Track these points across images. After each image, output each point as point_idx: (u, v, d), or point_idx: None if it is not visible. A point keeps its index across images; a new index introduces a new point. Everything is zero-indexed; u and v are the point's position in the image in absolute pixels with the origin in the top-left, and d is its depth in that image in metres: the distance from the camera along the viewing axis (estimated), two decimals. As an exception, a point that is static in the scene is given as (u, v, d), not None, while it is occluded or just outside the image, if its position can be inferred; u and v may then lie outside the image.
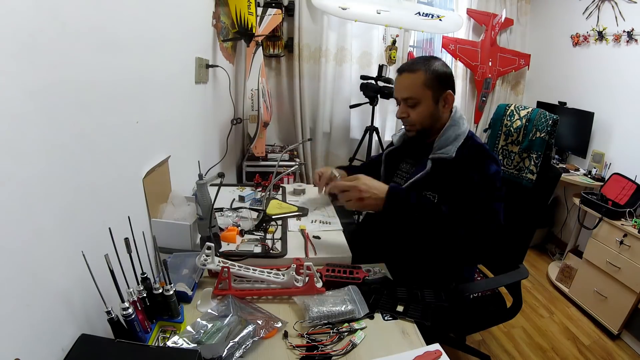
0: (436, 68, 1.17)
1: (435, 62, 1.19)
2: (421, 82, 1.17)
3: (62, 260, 0.67)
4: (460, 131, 1.21)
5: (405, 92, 1.21)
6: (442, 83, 1.18)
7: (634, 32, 2.54)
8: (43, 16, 0.61)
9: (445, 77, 1.19)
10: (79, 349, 0.66)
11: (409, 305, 0.97)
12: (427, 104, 1.19)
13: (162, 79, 1.20)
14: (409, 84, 1.19)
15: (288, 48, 2.95)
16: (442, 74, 1.18)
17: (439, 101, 1.20)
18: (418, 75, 1.17)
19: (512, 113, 1.60)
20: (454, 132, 1.20)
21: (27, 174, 0.59)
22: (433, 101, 1.19)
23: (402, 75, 1.21)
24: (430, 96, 1.18)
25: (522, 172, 1.54)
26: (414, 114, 1.21)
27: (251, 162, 2.68)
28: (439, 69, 1.18)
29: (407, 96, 1.20)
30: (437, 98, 1.19)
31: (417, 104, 1.20)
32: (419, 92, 1.18)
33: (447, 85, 1.19)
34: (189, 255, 1.06)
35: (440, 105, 1.20)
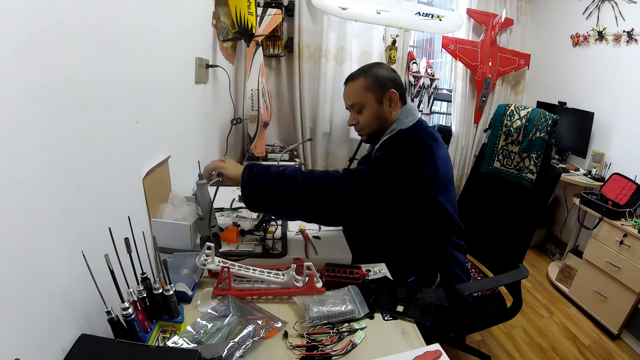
0: (376, 72, 1.22)
1: (377, 67, 1.24)
2: (361, 86, 1.22)
3: (62, 260, 0.67)
4: (398, 125, 1.21)
5: (349, 99, 1.27)
6: (382, 83, 1.21)
7: (634, 32, 2.54)
8: (43, 16, 0.61)
9: (387, 78, 1.22)
10: (79, 349, 0.66)
11: (409, 305, 0.97)
12: (371, 105, 1.23)
13: (162, 79, 1.20)
14: (351, 91, 1.25)
15: (288, 48, 2.95)
16: (382, 76, 1.22)
17: (382, 101, 1.22)
18: (359, 81, 1.22)
19: (512, 113, 1.60)
20: (394, 127, 1.22)
21: (27, 174, 0.59)
22: (377, 102, 1.22)
23: (346, 85, 1.27)
24: (372, 98, 1.22)
25: (522, 172, 1.54)
26: (361, 118, 1.26)
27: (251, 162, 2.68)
28: (380, 73, 1.22)
29: (351, 103, 1.26)
30: (380, 98, 1.22)
31: (362, 108, 1.24)
32: (360, 96, 1.23)
33: (389, 84, 1.22)
34: (189, 255, 1.06)
35: (386, 105, 1.23)
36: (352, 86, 1.25)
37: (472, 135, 3.46)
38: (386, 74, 1.23)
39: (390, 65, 1.27)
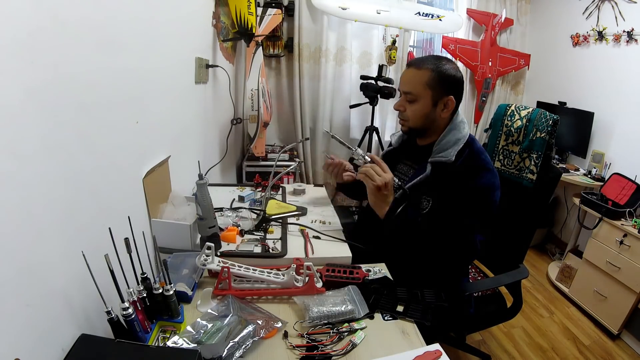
0: (444, 70, 1.14)
1: (447, 64, 1.16)
2: (424, 80, 1.15)
3: (62, 260, 0.67)
4: (460, 135, 1.18)
5: (406, 86, 1.19)
6: (446, 86, 1.15)
7: (633, 32, 2.54)
8: (42, 15, 0.61)
9: (451, 82, 1.16)
10: (79, 349, 0.66)
11: (409, 305, 0.97)
12: (425, 103, 1.17)
13: (162, 79, 1.20)
14: (411, 79, 1.18)
15: (288, 48, 2.95)
16: (448, 77, 1.15)
17: (437, 104, 1.17)
18: (423, 72, 1.15)
19: (513, 113, 1.60)
20: (454, 136, 1.18)
21: (27, 174, 0.59)
22: (431, 102, 1.17)
23: (408, 69, 1.20)
24: (429, 96, 1.16)
25: (523, 172, 1.54)
26: (410, 109, 1.20)
27: (251, 162, 2.68)
28: (447, 72, 1.15)
29: (407, 90, 1.19)
30: (437, 100, 1.17)
31: (415, 100, 1.18)
32: (419, 89, 1.16)
33: (451, 90, 1.16)
34: (189, 255, 1.06)
35: (439, 108, 1.18)
36: (415, 74, 1.17)
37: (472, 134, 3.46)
38: (453, 76, 1.16)
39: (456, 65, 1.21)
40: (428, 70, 1.14)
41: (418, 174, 1.22)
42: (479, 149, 1.20)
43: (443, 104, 1.17)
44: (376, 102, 2.76)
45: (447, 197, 1.15)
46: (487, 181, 1.14)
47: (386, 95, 2.62)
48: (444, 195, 1.15)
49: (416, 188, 1.21)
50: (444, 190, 1.16)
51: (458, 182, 1.13)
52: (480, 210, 1.14)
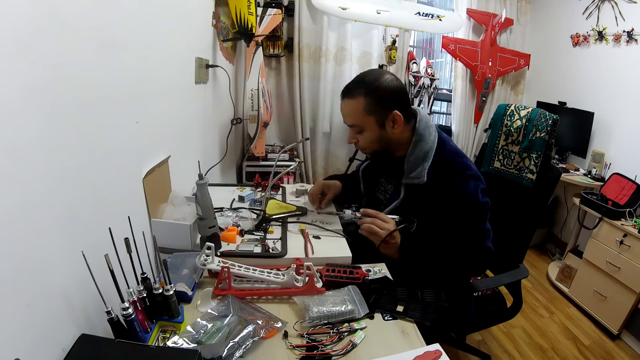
0: (375, 88, 1.10)
1: (377, 80, 1.11)
2: (361, 108, 1.11)
3: (62, 260, 0.67)
4: (427, 147, 1.15)
5: (348, 119, 1.17)
6: (384, 104, 1.11)
7: (633, 32, 2.54)
8: (42, 15, 0.61)
9: (388, 96, 1.11)
10: (79, 349, 0.66)
11: (409, 305, 0.97)
12: (372, 129, 1.14)
13: (162, 79, 1.20)
14: (349, 110, 1.14)
15: (288, 48, 2.95)
16: (383, 95, 1.10)
17: (384, 124, 1.13)
18: (357, 101, 1.11)
19: (513, 113, 1.60)
20: (421, 150, 1.15)
21: (27, 174, 0.59)
22: (377, 126, 1.13)
23: (343, 100, 1.16)
24: (373, 121, 1.13)
25: (522, 172, 1.54)
26: (361, 140, 1.18)
27: (251, 162, 2.68)
28: (380, 89, 1.10)
29: (350, 123, 1.17)
30: (382, 121, 1.13)
31: (362, 130, 1.16)
32: (359, 119, 1.13)
33: (391, 104, 1.11)
34: (189, 255, 1.05)
35: (388, 127, 1.14)
36: (351, 105, 1.13)
37: (472, 135, 3.47)
38: (388, 88, 1.10)
39: (389, 72, 1.17)
40: (360, 95, 1.10)
41: (394, 197, 1.22)
42: (452, 154, 1.17)
43: (390, 121, 1.13)
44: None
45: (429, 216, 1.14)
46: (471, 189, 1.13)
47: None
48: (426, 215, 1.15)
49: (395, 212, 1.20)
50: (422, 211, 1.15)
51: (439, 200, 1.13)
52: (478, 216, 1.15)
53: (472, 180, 1.14)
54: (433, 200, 1.13)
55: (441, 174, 1.14)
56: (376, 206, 1.33)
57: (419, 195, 1.15)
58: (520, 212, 1.50)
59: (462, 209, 1.13)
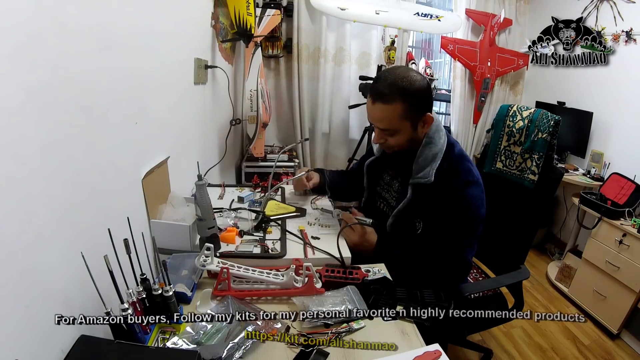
0: (414, 93, 1.08)
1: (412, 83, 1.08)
2: (398, 114, 1.10)
3: (61, 261, 0.67)
4: (436, 149, 1.17)
5: (381, 123, 1.15)
6: (421, 108, 1.12)
7: (632, 31, 2.54)
8: (42, 16, 0.61)
9: (423, 100, 1.12)
10: (78, 350, 0.66)
11: (409, 306, 0.97)
12: (406, 132, 1.15)
13: (161, 80, 1.20)
14: (385, 116, 1.12)
15: (287, 49, 2.95)
16: (419, 99, 1.10)
17: (417, 126, 1.16)
18: (394, 107, 1.09)
19: (515, 114, 1.60)
20: (430, 151, 1.17)
21: (26, 175, 0.59)
22: (411, 129, 1.15)
23: (375, 104, 1.12)
24: (408, 126, 1.14)
25: (524, 172, 1.54)
26: (392, 140, 1.17)
27: (250, 162, 2.68)
28: (417, 93, 1.09)
29: (383, 127, 1.15)
30: (416, 124, 1.15)
31: (395, 132, 1.15)
32: (395, 124, 1.12)
33: (425, 106, 1.13)
34: (188, 256, 1.05)
35: (420, 128, 1.16)
36: (387, 111, 1.10)
37: (471, 135, 3.47)
38: (422, 92, 1.10)
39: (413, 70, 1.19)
40: (398, 102, 1.08)
41: (401, 197, 1.23)
42: (459, 158, 1.18)
43: (422, 122, 1.16)
44: (375, 102, 2.75)
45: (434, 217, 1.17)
46: (469, 196, 1.14)
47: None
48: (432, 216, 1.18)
49: (404, 212, 1.22)
50: (429, 211, 1.18)
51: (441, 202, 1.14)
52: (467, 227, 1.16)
53: (475, 187, 1.15)
54: (438, 199, 1.15)
55: (446, 175, 1.15)
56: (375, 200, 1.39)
57: (426, 195, 1.16)
58: (522, 213, 1.50)
59: (456, 214, 1.14)
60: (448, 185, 1.14)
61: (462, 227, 1.15)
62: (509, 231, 1.52)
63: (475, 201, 1.15)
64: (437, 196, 1.15)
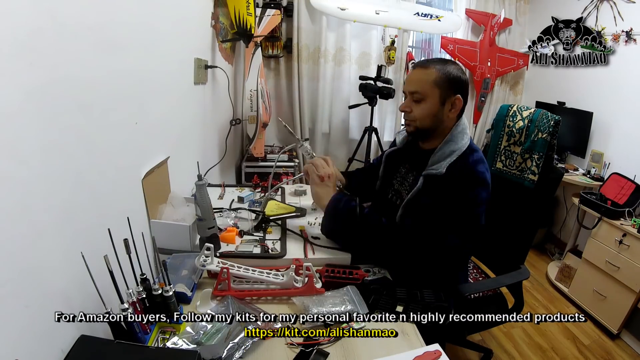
0: (451, 70, 1.15)
1: (453, 65, 1.17)
2: (432, 79, 1.14)
3: (61, 261, 0.67)
4: (456, 147, 1.17)
5: (413, 85, 1.18)
6: (453, 86, 1.15)
7: (632, 31, 2.54)
8: (41, 16, 0.61)
9: (458, 82, 1.16)
10: (78, 350, 0.66)
11: (409, 306, 0.97)
12: (433, 102, 1.16)
13: (161, 80, 1.20)
14: (419, 78, 1.17)
15: (287, 49, 2.95)
16: (455, 78, 1.15)
17: (445, 103, 1.16)
18: (430, 72, 1.15)
19: (515, 114, 1.60)
20: (449, 148, 1.17)
21: (26, 174, 0.59)
22: (439, 101, 1.16)
23: (415, 69, 1.20)
24: (437, 95, 1.15)
25: (524, 172, 1.54)
26: (417, 109, 1.18)
27: (250, 162, 2.68)
28: (454, 72, 1.15)
29: (414, 90, 1.17)
30: (444, 99, 1.15)
31: (422, 100, 1.16)
32: (426, 88, 1.15)
33: (458, 90, 1.16)
34: (188, 256, 1.05)
35: (447, 108, 1.17)
36: (422, 74, 1.16)
37: (471, 135, 3.46)
38: (459, 76, 1.16)
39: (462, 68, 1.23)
40: (435, 69, 1.15)
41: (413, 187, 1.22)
42: (476, 160, 1.17)
43: (451, 103, 1.16)
44: (375, 102, 2.76)
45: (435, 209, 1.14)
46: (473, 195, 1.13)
47: (385, 95, 2.62)
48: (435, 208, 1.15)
49: (412, 202, 1.19)
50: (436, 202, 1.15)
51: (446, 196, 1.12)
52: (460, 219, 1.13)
53: (480, 189, 1.14)
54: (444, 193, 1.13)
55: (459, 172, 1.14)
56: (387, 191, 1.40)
57: (435, 186, 1.15)
58: (522, 213, 1.50)
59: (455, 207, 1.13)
60: (457, 180, 1.13)
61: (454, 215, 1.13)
62: (509, 231, 1.52)
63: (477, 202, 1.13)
64: (443, 190, 1.13)
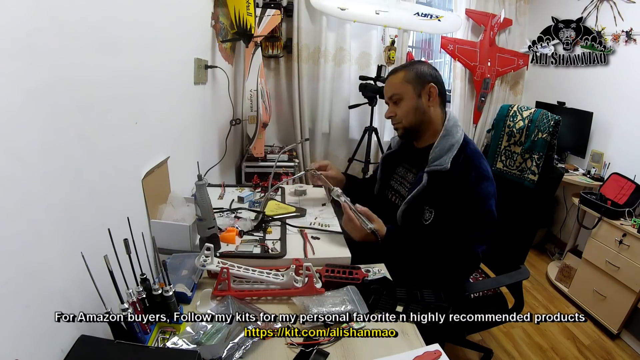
0: (417, 67, 1.26)
1: (419, 64, 1.28)
2: (401, 79, 1.25)
3: (61, 261, 0.67)
4: (454, 140, 1.22)
5: (388, 91, 1.30)
6: (423, 78, 1.24)
7: (632, 31, 2.54)
8: (41, 16, 0.61)
9: (427, 74, 1.24)
10: (78, 350, 0.66)
11: (409, 306, 0.97)
12: (410, 97, 1.25)
13: (161, 80, 1.20)
14: (391, 83, 1.29)
15: (287, 49, 2.95)
16: (423, 71, 1.25)
17: (421, 95, 1.24)
18: (399, 74, 1.27)
19: (515, 114, 1.60)
20: (447, 142, 1.22)
21: (26, 175, 0.59)
22: (415, 94, 1.24)
23: (387, 79, 1.32)
24: (411, 90, 1.24)
25: (524, 172, 1.54)
26: (399, 110, 1.28)
27: (250, 162, 2.68)
28: (421, 68, 1.25)
29: (390, 94, 1.29)
30: (419, 91, 1.24)
31: (400, 99, 1.26)
32: (399, 87, 1.26)
33: (428, 79, 1.24)
34: (188, 256, 1.05)
35: (424, 98, 1.24)
36: (393, 78, 1.28)
37: (471, 135, 3.47)
38: (427, 70, 1.26)
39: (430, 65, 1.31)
40: (403, 70, 1.27)
41: (416, 184, 1.24)
42: (474, 153, 1.22)
43: (426, 93, 1.24)
44: (375, 102, 2.76)
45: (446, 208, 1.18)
46: (483, 190, 1.17)
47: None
48: (444, 205, 1.19)
49: (417, 199, 1.23)
50: (443, 200, 1.19)
51: (455, 192, 1.16)
52: (478, 221, 1.16)
53: (486, 184, 1.17)
54: (452, 189, 1.17)
55: (462, 166, 1.18)
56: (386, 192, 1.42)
57: (441, 182, 1.19)
58: (522, 213, 1.50)
59: (468, 207, 1.16)
60: (462, 176, 1.17)
61: (473, 220, 1.16)
62: (509, 231, 1.52)
63: (488, 197, 1.17)
64: (451, 185, 1.17)
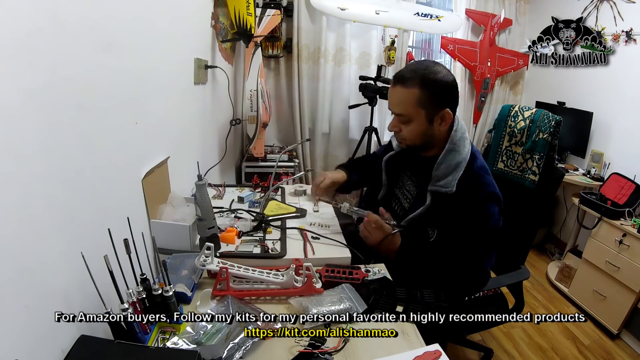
0: (433, 82, 1.06)
1: (434, 72, 1.07)
2: (414, 100, 1.07)
3: (61, 261, 0.67)
4: (460, 158, 1.12)
5: (396, 107, 1.12)
6: (439, 100, 1.07)
7: (632, 31, 2.54)
8: (41, 16, 0.61)
9: (443, 93, 1.08)
10: (78, 350, 0.66)
11: (409, 306, 0.97)
12: (420, 123, 1.10)
13: (161, 80, 1.20)
14: (401, 99, 1.10)
15: (287, 49, 2.95)
16: (439, 90, 1.07)
17: (433, 121, 1.10)
18: (411, 92, 1.06)
19: (517, 114, 1.60)
20: (454, 159, 1.12)
21: (26, 175, 0.59)
22: (426, 120, 1.09)
23: (395, 87, 1.11)
24: (423, 115, 1.08)
25: (525, 173, 1.54)
26: (405, 129, 1.13)
27: (250, 162, 2.68)
28: (437, 83, 1.06)
29: (398, 112, 1.12)
30: (432, 117, 1.09)
31: (409, 122, 1.11)
32: (411, 110, 1.09)
33: (445, 101, 1.08)
34: (188, 256, 1.05)
35: (436, 123, 1.11)
36: (403, 94, 1.08)
37: (471, 135, 3.47)
38: (444, 84, 1.07)
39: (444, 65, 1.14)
40: (415, 87, 1.06)
41: (418, 201, 1.19)
42: (480, 169, 1.15)
43: (440, 118, 1.10)
44: (375, 102, 2.76)
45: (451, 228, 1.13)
46: (491, 210, 1.12)
47: (385, 95, 2.62)
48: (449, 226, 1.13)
49: (419, 219, 1.17)
50: (447, 221, 1.13)
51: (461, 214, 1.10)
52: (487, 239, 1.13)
53: (495, 204, 1.12)
54: (458, 211, 1.11)
55: (469, 187, 1.11)
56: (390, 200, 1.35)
57: (445, 204, 1.12)
58: (522, 213, 1.50)
59: (476, 226, 1.11)
60: (470, 197, 1.10)
61: (482, 238, 1.12)
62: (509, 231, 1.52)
63: (495, 214, 1.12)
64: (457, 207, 1.10)
